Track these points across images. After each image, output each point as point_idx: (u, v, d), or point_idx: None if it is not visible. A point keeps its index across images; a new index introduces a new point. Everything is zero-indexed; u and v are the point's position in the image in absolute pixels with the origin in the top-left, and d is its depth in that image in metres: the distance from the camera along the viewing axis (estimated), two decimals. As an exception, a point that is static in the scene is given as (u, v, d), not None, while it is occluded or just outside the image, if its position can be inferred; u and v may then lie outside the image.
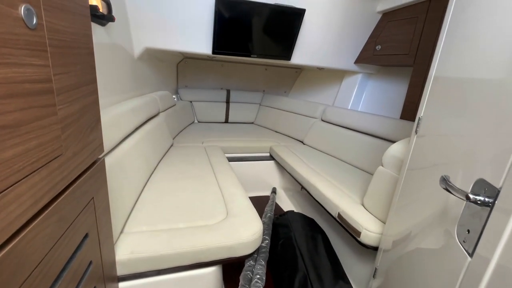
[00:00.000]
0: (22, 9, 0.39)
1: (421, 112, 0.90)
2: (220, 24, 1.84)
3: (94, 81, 0.65)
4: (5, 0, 0.36)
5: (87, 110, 0.62)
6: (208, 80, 3.25)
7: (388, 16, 2.10)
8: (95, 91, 0.66)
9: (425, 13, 1.80)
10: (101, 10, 1.16)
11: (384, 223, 1.17)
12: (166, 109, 2.25)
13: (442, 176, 0.64)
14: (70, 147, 0.54)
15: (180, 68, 3.06)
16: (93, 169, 0.67)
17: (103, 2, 1.20)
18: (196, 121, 3.19)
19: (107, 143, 1.03)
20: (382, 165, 1.24)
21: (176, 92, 3.12)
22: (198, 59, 3.03)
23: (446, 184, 0.60)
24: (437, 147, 0.78)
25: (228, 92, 3.25)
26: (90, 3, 0.87)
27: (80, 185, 0.60)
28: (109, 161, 1.02)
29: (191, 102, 3.13)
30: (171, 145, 2.13)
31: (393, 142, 1.81)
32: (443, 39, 0.83)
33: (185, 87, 3.18)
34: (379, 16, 2.18)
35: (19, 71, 0.39)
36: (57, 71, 0.48)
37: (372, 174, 1.84)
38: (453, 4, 0.81)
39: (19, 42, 0.39)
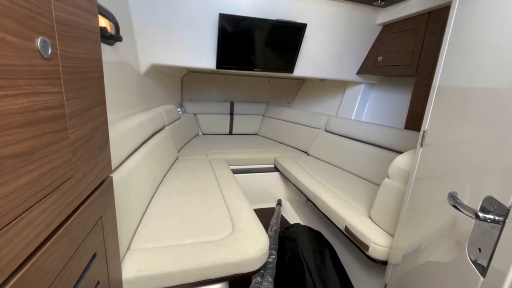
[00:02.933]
0: (38, 42, 0.41)
1: (426, 124, 0.90)
2: (223, 40, 1.88)
3: (103, 102, 0.67)
4: (23, 34, 0.38)
5: (96, 131, 0.63)
6: (212, 92, 3.30)
7: (389, 28, 2.13)
8: (104, 112, 0.68)
9: (425, 24, 1.83)
10: (109, 31, 1.20)
11: (393, 236, 1.15)
12: (171, 123, 2.28)
13: (450, 193, 0.63)
14: (81, 169, 0.55)
15: (184, 82, 3.12)
16: (101, 188, 0.68)
17: (111, 23, 1.25)
18: (200, 134, 3.21)
19: (114, 160, 1.05)
20: (388, 177, 1.23)
21: (181, 105, 3.16)
22: (202, 72, 3.09)
23: (454, 201, 0.59)
24: (444, 159, 0.78)
25: (232, 104, 3.28)
26: (99, 25, 0.91)
27: (89, 205, 0.61)
28: (116, 177, 1.03)
29: (195, 114, 3.16)
30: (176, 158, 2.15)
31: (398, 152, 1.81)
32: (446, 49, 0.84)
33: (190, 100, 3.22)
34: (379, 28, 2.21)
35: (35, 100, 0.40)
36: (69, 96, 0.50)
37: (378, 185, 1.82)
38: (454, 15, 0.82)
39: (35, 73, 0.40)
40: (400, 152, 1.78)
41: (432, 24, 1.79)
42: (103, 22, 1.20)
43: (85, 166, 0.58)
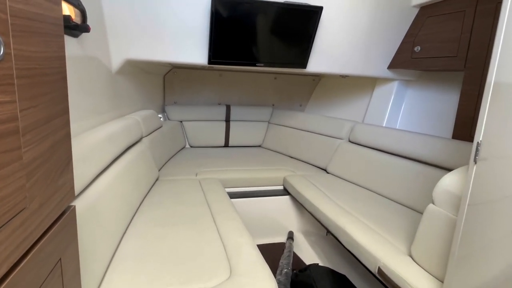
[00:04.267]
0: (-12, 39, 0.42)
1: (480, 134, 0.91)
2: (217, 28, 1.92)
3: (66, 111, 0.69)
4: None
5: (57, 148, 0.64)
6: (203, 93, 3.34)
7: (427, 10, 2.17)
8: (67, 123, 0.69)
9: (474, 6, 1.86)
10: (74, 20, 1.24)
11: (442, 281, 1.14)
12: (151, 133, 2.31)
13: None
14: (36, 197, 0.56)
15: (167, 81, 3.17)
16: (61, 221, 0.68)
17: (76, 10, 1.29)
18: (188, 146, 3.23)
19: (78, 183, 1.06)
20: (433, 203, 1.22)
21: (163, 111, 3.20)
22: (190, 68, 3.14)
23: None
24: (507, 178, 0.77)
25: (228, 108, 3.32)
26: (63, 13, 0.94)
27: (46, 244, 0.61)
28: (80, 206, 1.04)
29: (181, 122, 3.19)
30: (157, 179, 2.16)
31: (444, 169, 1.80)
32: (502, 35, 0.85)
33: (174, 104, 3.26)
34: (415, 11, 2.26)
35: (-18, 112, 0.41)
36: (24, 105, 0.51)
37: (420, 213, 1.81)
38: None
39: (-17, 78, 0.42)
40: (448, 170, 1.77)
41: (483, 5, 1.82)
42: (66, 9, 1.24)
43: (42, 194, 0.58)
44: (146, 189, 1.83)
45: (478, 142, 0.91)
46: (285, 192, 2.40)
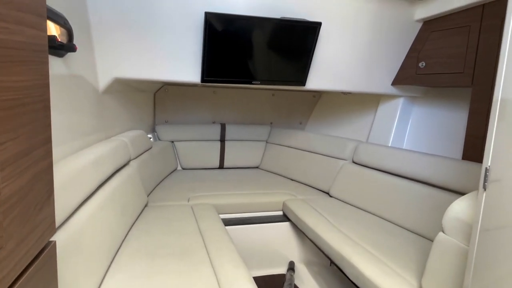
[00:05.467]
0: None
1: (489, 159, 0.92)
2: (211, 45, 1.97)
3: (48, 140, 0.70)
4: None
5: (37, 181, 0.65)
6: (196, 111, 3.37)
7: (431, 25, 2.24)
8: (49, 154, 0.70)
9: (478, 21, 1.92)
10: (59, 40, 1.27)
11: (456, 318, 1.12)
12: (140, 155, 2.31)
13: None
14: (14, 236, 0.56)
15: (158, 98, 3.20)
16: (40, 259, 0.68)
17: (62, 29, 1.32)
18: (179, 168, 3.23)
19: (59, 214, 1.05)
20: (443, 231, 1.23)
21: (153, 130, 3.22)
22: (183, 85, 3.18)
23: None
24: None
25: (223, 126, 3.34)
26: (48, 33, 0.97)
27: (23, 285, 0.60)
28: (61, 239, 1.03)
29: (172, 142, 3.20)
30: (146, 205, 2.15)
31: (455, 192, 1.81)
32: (507, 51, 0.88)
33: (165, 123, 3.29)
34: (418, 26, 2.33)
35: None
36: (3, 139, 0.52)
37: (430, 240, 1.80)
38: None
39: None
40: (459, 193, 1.78)
41: (488, 20, 1.88)
42: (52, 28, 1.27)
43: (20, 231, 0.58)
44: (133, 217, 1.82)
45: (486, 168, 0.92)
46: (285, 218, 2.39)
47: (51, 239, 0.75)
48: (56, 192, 1.04)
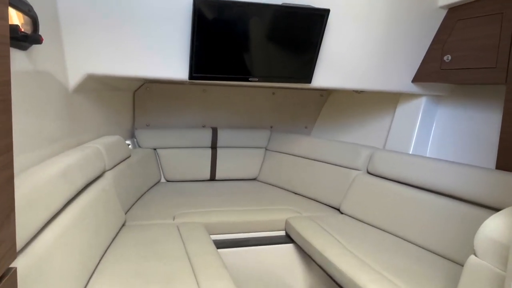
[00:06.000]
0: None
1: None
2: (200, 36, 1.96)
3: (9, 148, 0.68)
4: None
5: (-7, 198, 0.63)
6: (183, 113, 3.36)
7: (457, 12, 2.25)
8: (9, 164, 0.69)
9: None
10: (22, 30, 1.26)
11: None
12: (116, 165, 2.30)
13: None
14: (-37, 265, 0.54)
15: (138, 98, 3.19)
16: (-4, 292, 0.66)
17: (26, 18, 1.31)
18: (163, 180, 3.22)
19: (20, 236, 1.03)
20: (474, 254, 1.22)
21: (132, 136, 3.20)
22: (168, 83, 3.18)
23: None
24: None
25: (215, 131, 3.33)
26: (10, 22, 0.96)
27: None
28: (23, 265, 1.01)
29: (155, 149, 3.19)
30: (123, 225, 2.13)
31: (488, 208, 1.80)
32: None
33: (146, 127, 3.27)
34: (443, 13, 2.33)
35: None
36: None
37: (459, 264, 1.79)
38: None
39: None
40: (493, 209, 1.77)
41: None
42: (14, 16, 1.26)
43: (-30, 259, 0.57)
44: (108, 239, 1.79)
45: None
46: (288, 239, 2.38)
47: (11, 266, 0.73)
48: (18, 209, 1.03)
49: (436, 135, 2.64)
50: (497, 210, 1.71)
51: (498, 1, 2.02)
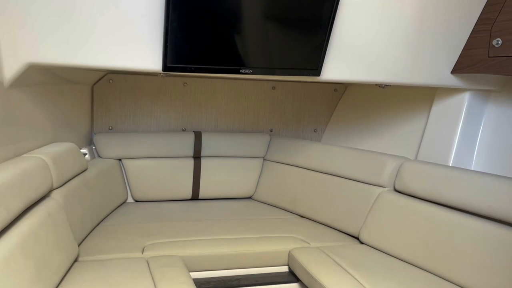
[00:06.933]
0: None
1: None
2: (178, 15, 1.95)
3: None
4: None
5: None
6: (156, 114, 3.37)
7: None
8: None
9: None
10: None
11: None
12: (68, 181, 2.28)
13: None
14: None
15: (98, 94, 3.19)
16: None
17: None
18: (130, 200, 3.22)
19: None
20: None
21: (90, 143, 3.19)
22: (136, 74, 3.18)
23: None
24: None
25: (198, 136, 3.34)
26: None
27: None
28: None
29: (120, 160, 3.19)
30: (75, 260, 2.12)
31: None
32: None
33: (109, 131, 3.27)
34: (491, -15, 2.34)
35: None
36: None
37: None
38: None
39: None
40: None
41: None
42: None
43: None
44: (55, 280, 1.78)
45: None
46: (292, 277, 2.39)
47: None
48: None
49: (484, 141, 2.65)
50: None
51: None
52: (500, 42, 2.28)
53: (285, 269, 2.45)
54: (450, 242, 2.12)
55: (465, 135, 2.64)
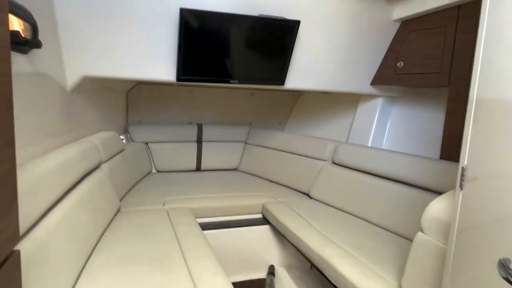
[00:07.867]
0: None
1: (465, 159, 0.96)
2: (187, 42, 1.95)
3: (11, 143, 0.67)
4: None
5: (-1, 187, 0.62)
6: (171, 111, 3.34)
7: (409, 25, 2.31)
8: (11, 157, 0.68)
9: (454, 22, 2.00)
10: (23, 36, 1.23)
11: (435, 318, 1.16)
12: (111, 157, 2.27)
13: (500, 260, 0.66)
14: (-28, 246, 0.54)
15: (131, 98, 3.15)
16: (3, 269, 0.65)
17: (26, 24, 1.27)
18: (154, 171, 3.19)
19: (23, 221, 1.02)
20: (421, 231, 1.26)
21: (126, 131, 3.16)
22: (157, 84, 3.15)
23: (507, 272, 0.62)
24: (492, 208, 0.82)
25: (200, 127, 3.33)
26: (10, 28, 0.93)
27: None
28: (26, 248, 0.99)
29: (147, 144, 3.16)
30: (118, 210, 2.11)
31: (434, 192, 1.87)
32: (481, 52, 0.91)
33: (138, 123, 3.24)
34: (397, 26, 2.39)
35: None
36: (-39, 141, 0.50)
37: (410, 240, 1.86)
38: (487, 8, 0.90)
39: None
40: (437, 192, 1.84)
41: (463, 21, 1.96)
42: (15, 22, 1.22)
43: (-21, 241, 0.56)
44: (105, 223, 1.78)
45: (463, 167, 0.96)
46: (265, 221, 2.41)
47: (14, 248, 0.72)
48: (20, 197, 1.01)
49: (390, 130, 2.73)
50: (440, 193, 1.78)
51: (443, 16, 2.09)
52: (402, 64, 2.35)
53: (259, 216, 2.47)
54: (368, 196, 2.19)
55: (379, 126, 2.71)
